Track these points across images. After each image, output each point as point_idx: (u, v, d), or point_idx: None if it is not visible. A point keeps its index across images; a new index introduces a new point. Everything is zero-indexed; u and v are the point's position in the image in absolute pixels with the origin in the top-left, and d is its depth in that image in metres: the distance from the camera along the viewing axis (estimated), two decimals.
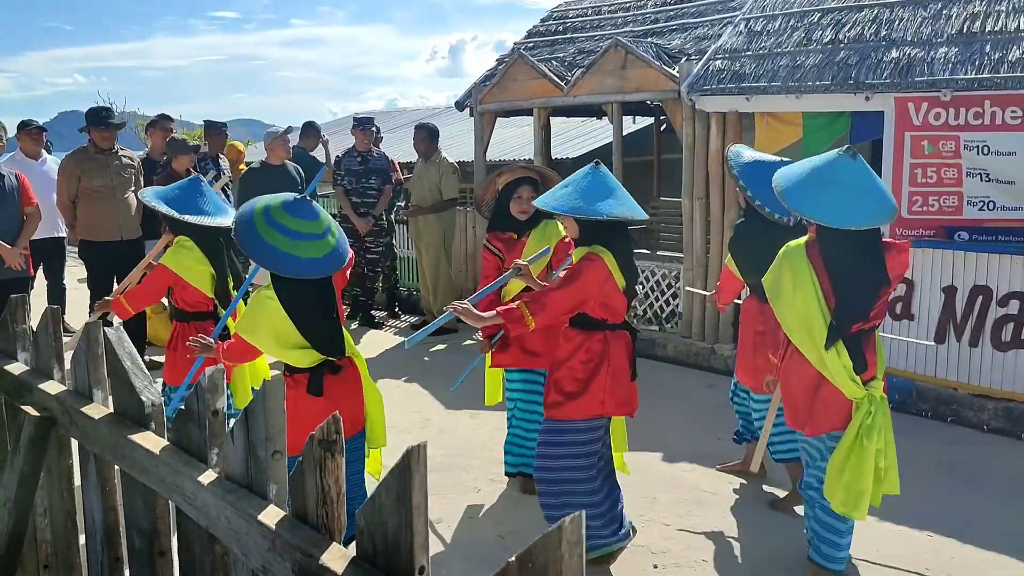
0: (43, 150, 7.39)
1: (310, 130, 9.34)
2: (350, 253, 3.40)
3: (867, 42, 5.91)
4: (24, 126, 7.29)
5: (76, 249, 6.87)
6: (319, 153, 9.28)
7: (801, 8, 6.57)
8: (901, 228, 5.69)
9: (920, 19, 5.78)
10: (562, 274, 3.67)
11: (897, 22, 5.89)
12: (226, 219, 4.25)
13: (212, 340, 3.65)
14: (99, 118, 6.80)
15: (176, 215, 4.21)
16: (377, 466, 3.62)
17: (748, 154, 4.34)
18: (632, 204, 3.53)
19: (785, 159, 3.95)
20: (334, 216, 8.24)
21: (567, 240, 4.20)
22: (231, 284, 4.39)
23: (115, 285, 6.16)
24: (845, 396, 3.30)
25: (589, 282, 3.44)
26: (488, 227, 4.58)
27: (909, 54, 5.64)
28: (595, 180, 3.51)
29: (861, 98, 5.73)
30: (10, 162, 6.96)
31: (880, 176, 5.70)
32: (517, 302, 3.48)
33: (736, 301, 4.76)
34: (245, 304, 3.74)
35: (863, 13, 6.15)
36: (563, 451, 3.57)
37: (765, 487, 4.52)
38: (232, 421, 1.83)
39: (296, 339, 3.26)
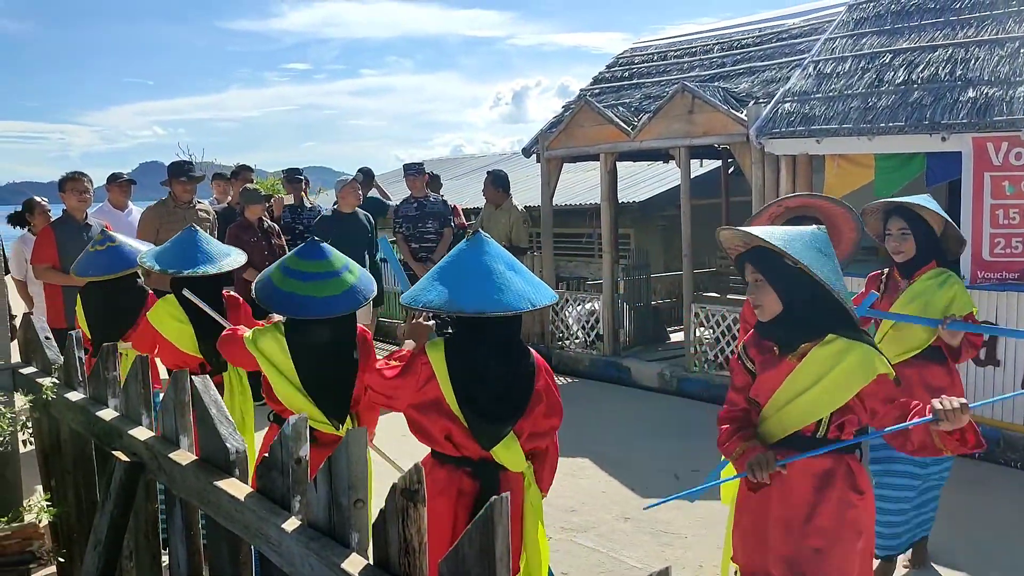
0: (129, 202, 7.70)
1: (367, 176, 9.56)
2: (374, 290, 3.25)
3: (942, 82, 5.81)
4: (113, 179, 7.60)
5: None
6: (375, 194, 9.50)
7: (872, 49, 6.51)
8: (983, 271, 5.52)
9: (997, 58, 5.66)
10: None
11: (973, 61, 5.78)
12: (217, 265, 3.99)
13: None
14: (180, 171, 7.06)
15: (169, 272, 3.96)
16: None
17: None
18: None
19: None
20: (384, 261, 8.38)
21: None
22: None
23: None
24: None
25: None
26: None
27: (987, 93, 5.52)
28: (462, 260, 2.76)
29: (937, 139, 5.62)
30: (98, 213, 7.26)
31: (960, 217, 5.59)
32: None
33: None
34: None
35: (936, 53, 6.05)
36: None
37: None
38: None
39: (296, 396, 3.13)
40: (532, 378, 2.67)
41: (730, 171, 9.46)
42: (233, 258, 4.10)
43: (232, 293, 4.32)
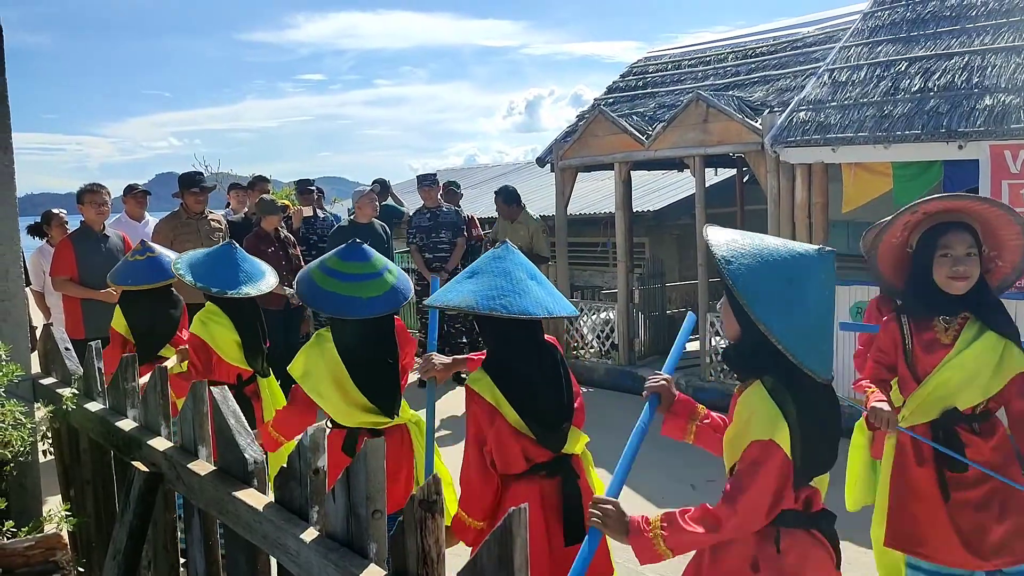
0: (146, 213, 7.76)
1: (382, 186, 9.63)
2: (412, 291, 3.40)
3: (958, 90, 5.78)
4: (130, 190, 7.67)
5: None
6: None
7: (888, 57, 6.49)
8: None
9: (1014, 65, 5.63)
10: None
11: (989, 69, 5.75)
12: (256, 286, 4.07)
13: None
14: (192, 182, 7.11)
15: (212, 291, 4.03)
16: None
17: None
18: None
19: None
20: (406, 270, 8.40)
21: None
22: (262, 355, 4.18)
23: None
24: None
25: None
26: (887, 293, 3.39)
27: (1003, 101, 5.49)
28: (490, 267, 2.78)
29: (954, 147, 5.59)
30: (116, 224, 7.32)
31: None
32: None
33: None
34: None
35: (953, 61, 6.03)
36: None
37: None
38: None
39: (352, 393, 3.22)
40: (566, 367, 2.80)
41: (745, 180, 9.45)
42: (267, 279, 4.16)
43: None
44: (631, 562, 4.10)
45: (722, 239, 2.16)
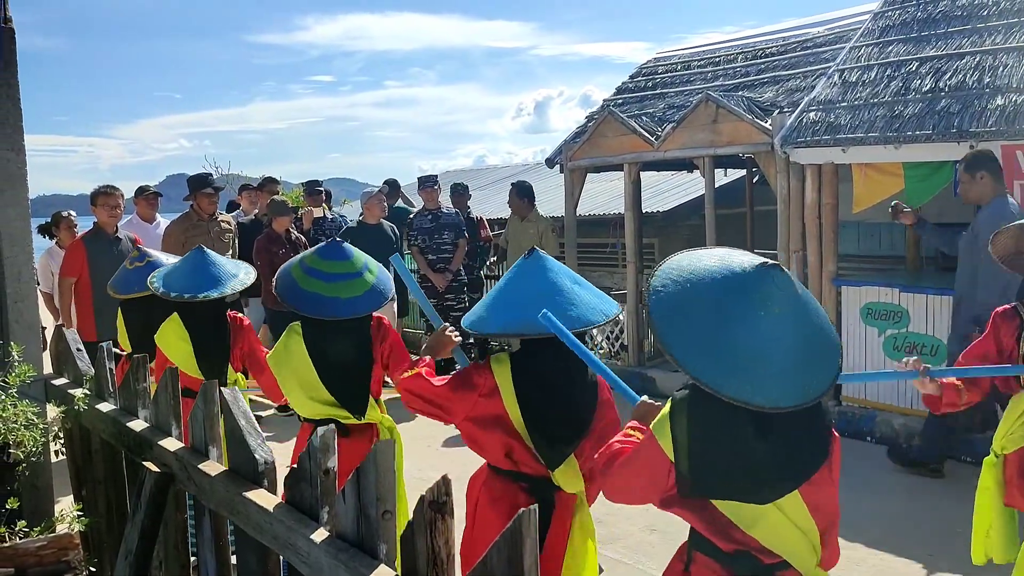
0: (157, 214, 7.80)
1: (392, 187, 9.64)
2: (392, 290, 3.37)
3: (970, 90, 5.75)
4: (141, 192, 7.71)
5: None
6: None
7: (898, 57, 6.46)
8: None
9: None
10: None
11: (1001, 69, 5.72)
12: (216, 290, 3.94)
13: None
14: (203, 183, 7.14)
15: (171, 296, 3.94)
16: None
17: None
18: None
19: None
20: (413, 272, 8.45)
21: None
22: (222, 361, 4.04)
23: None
24: None
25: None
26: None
27: (1015, 101, 5.45)
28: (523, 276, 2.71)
29: (965, 147, 5.55)
30: (127, 226, 7.35)
31: None
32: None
33: None
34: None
35: (964, 61, 6.00)
36: None
37: None
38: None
39: (317, 390, 3.21)
40: (596, 395, 2.67)
41: (755, 180, 9.42)
42: (240, 279, 4.05)
43: (238, 315, 4.27)
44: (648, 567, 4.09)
45: (666, 264, 2.08)
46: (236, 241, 7.39)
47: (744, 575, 2.02)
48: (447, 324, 3.06)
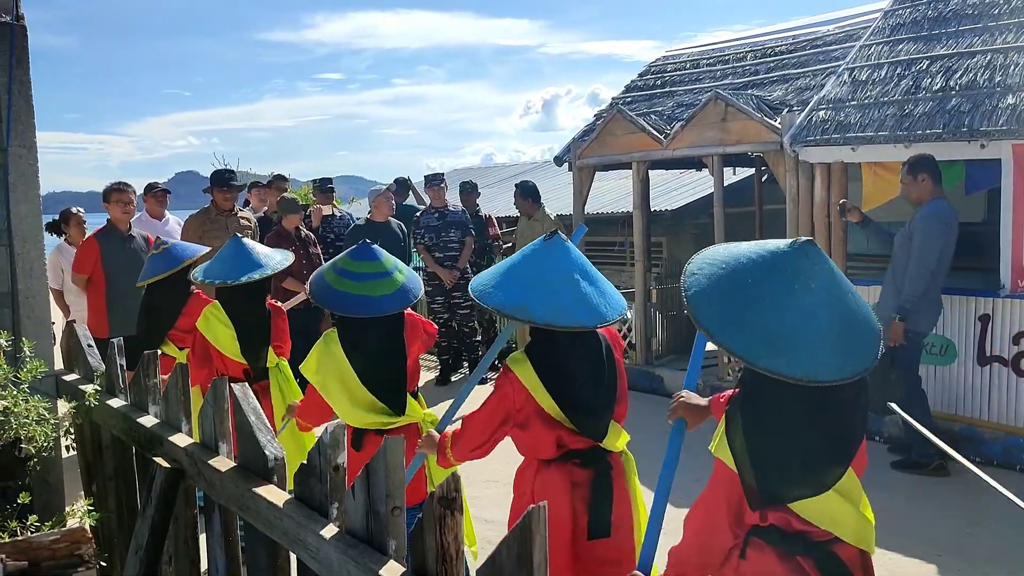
0: (166, 211, 7.82)
1: (401, 185, 9.64)
2: (422, 290, 3.46)
3: (980, 88, 5.73)
4: (149, 189, 7.73)
5: None
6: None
7: (908, 56, 6.44)
8: (1022, 279, 5.43)
9: None
10: None
11: (1012, 67, 5.69)
12: (257, 272, 4.04)
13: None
14: (223, 180, 7.17)
15: (214, 283, 4.07)
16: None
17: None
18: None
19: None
20: (417, 270, 8.45)
21: None
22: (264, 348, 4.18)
23: None
24: None
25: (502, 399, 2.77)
26: None
27: None
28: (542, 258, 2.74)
29: (976, 146, 5.54)
30: (136, 223, 7.38)
31: (1000, 225, 5.50)
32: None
33: None
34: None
35: (975, 59, 5.97)
36: None
37: None
38: None
39: (358, 392, 3.27)
40: (613, 359, 2.80)
41: (763, 179, 9.39)
42: (279, 260, 4.18)
43: (275, 303, 4.39)
44: None
45: (702, 253, 2.11)
46: (257, 238, 7.43)
47: (799, 553, 1.99)
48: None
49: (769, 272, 1.93)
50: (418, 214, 8.68)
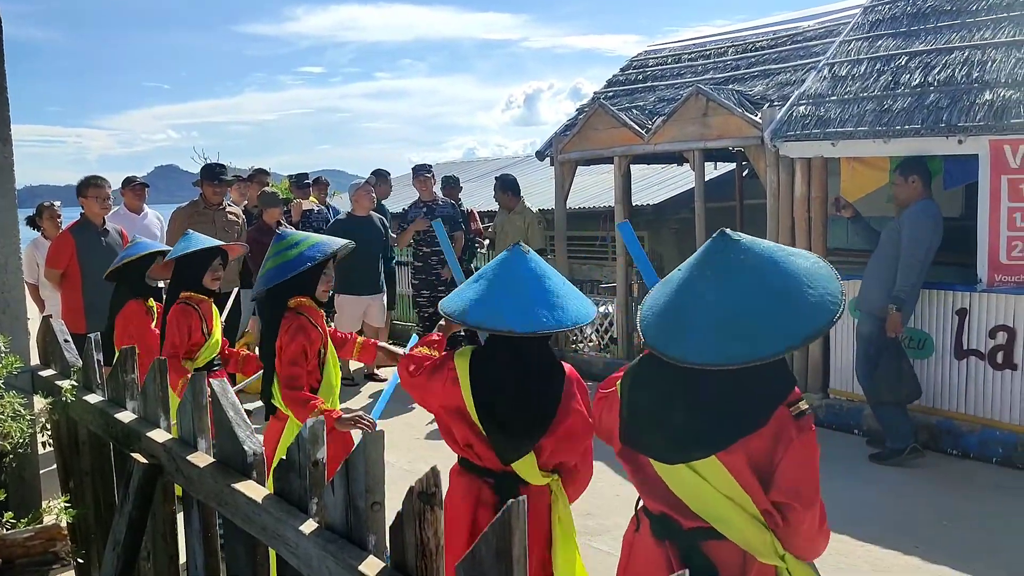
0: (144, 205, 7.76)
1: (380, 178, 9.52)
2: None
3: (958, 84, 5.78)
4: (128, 182, 7.65)
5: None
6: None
7: (888, 52, 6.48)
8: (999, 274, 5.49)
9: (1015, 60, 5.62)
10: None
11: (990, 63, 5.74)
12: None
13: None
14: (212, 174, 7.14)
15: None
16: None
17: None
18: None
19: None
20: (400, 264, 8.33)
21: None
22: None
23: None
24: None
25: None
26: None
27: (1004, 96, 5.48)
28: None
29: (953, 141, 5.58)
30: (114, 216, 7.31)
31: (976, 220, 5.56)
32: None
33: None
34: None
35: (953, 55, 6.02)
36: None
37: None
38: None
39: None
40: (559, 395, 2.62)
41: (744, 174, 9.44)
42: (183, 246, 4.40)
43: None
44: None
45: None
46: (244, 233, 7.41)
47: (666, 538, 2.08)
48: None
49: (688, 264, 2.11)
50: (406, 207, 8.65)
